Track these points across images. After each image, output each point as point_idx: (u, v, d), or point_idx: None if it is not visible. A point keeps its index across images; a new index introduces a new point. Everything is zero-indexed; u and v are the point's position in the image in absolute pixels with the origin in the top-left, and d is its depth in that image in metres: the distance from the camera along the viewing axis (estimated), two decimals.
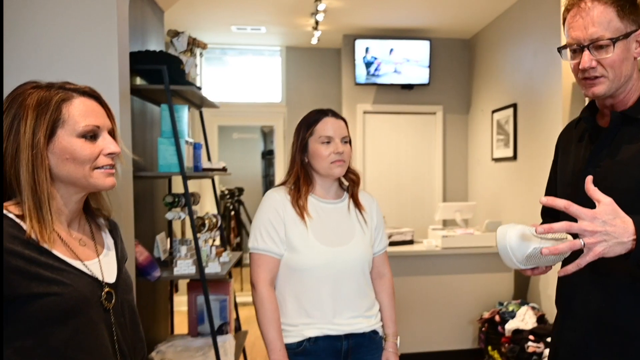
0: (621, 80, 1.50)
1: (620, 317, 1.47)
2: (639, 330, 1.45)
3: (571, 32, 1.52)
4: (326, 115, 2.15)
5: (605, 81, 1.49)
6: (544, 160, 4.38)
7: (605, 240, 1.26)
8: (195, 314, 3.25)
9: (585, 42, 1.48)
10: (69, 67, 2.21)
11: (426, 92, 6.19)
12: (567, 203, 1.28)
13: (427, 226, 5.42)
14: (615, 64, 1.47)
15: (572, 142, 1.74)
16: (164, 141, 2.87)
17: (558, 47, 1.62)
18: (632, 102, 1.54)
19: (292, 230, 2.06)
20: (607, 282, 1.50)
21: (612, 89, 1.51)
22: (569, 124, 1.85)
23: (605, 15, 1.46)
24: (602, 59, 1.47)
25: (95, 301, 1.30)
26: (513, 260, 1.44)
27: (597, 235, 1.25)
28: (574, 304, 1.58)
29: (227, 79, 6.57)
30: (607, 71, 1.48)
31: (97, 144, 1.32)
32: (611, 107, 1.57)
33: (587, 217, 1.26)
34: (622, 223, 1.27)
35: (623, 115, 1.53)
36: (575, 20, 1.50)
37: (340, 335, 2.05)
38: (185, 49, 3.24)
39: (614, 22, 1.46)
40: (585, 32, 1.47)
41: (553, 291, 4.24)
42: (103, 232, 1.48)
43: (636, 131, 1.50)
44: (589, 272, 1.50)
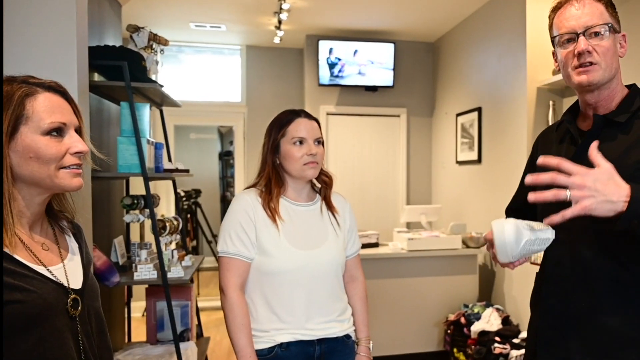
0: (612, 72, 1.55)
1: (601, 316, 1.49)
2: (620, 329, 1.47)
3: (564, 23, 1.58)
4: (299, 116, 2.11)
5: (598, 69, 1.54)
6: (508, 163, 4.47)
7: (593, 196, 1.27)
8: (155, 320, 3.14)
9: (580, 29, 1.54)
10: (23, 60, 2.09)
11: (390, 94, 6.20)
12: (559, 160, 1.31)
13: (390, 228, 5.42)
14: (607, 53, 1.54)
15: (552, 143, 1.76)
16: (124, 140, 2.75)
17: (552, 37, 1.66)
18: (615, 105, 1.60)
19: (264, 233, 2.01)
20: (587, 282, 1.52)
21: (605, 79, 1.55)
22: (548, 127, 1.89)
23: (598, 7, 1.55)
24: (596, 45, 1.53)
25: (61, 309, 1.25)
26: (508, 255, 1.47)
27: (584, 189, 1.27)
28: (554, 302, 1.60)
29: (182, 77, 6.42)
30: (601, 58, 1.53)
31: (64, 142, 1.26)
32: (594, 108, 1.62)
33: (579, 172, 1.29)
34: (615, 184, 1.29)
35: (605, 119, 1.57)
36: (568, 11, 1.58)
37: (313, 340, 2.02)
38: (145, 44, 3.12)
39: (605, 15, 1.55)
40: (579, 20, 1.55)
41: (517, 292, 4.35)
42: (67, 235, 1.42)
43: (616, 134, 1.55)
44: (571, 272, 1.56)
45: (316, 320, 2.02)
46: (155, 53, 3.22)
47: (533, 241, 1.47)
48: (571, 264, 1.56)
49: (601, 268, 1.50)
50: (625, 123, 1.55)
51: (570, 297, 1.56)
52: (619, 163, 1.42)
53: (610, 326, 1.48)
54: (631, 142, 1.51)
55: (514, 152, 4.37)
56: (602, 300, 1.50)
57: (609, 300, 1.49)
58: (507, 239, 1.45)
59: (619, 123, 1.55)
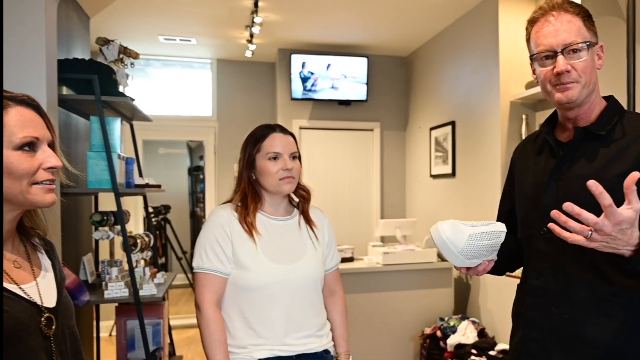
0: (590, 87, 1.55)
1: (583, 328, 1.49)
2: (603, 341, 1.47)
3: (542, 40, 1.56)
4: (274, 131, 2.10)
5: (578, 86, 1.53)
6: (482, 176, 4.49)
7: (606, 243, 1.26)
8: (125, 339, 3.06)
9: (559, 47, 1.52)
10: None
11: (364, 108, 6.21)
12: (610, 202, 1.22)
13: (365, 243, 5.39)
14: (586, 70, 1.52)
15: (529, 155, 1.77)
16: (94, 155, 2.70)
17: (531, 55, 1.64)
18: (594, 117, 1.60)
19: (240, 248, 1.99)
20: (570, 294, 1.52)
21: (584, 95, 1.54)
22: (527, 138, 1.87)
23: (575, 23, 1.53)
24: (575, 63, 1.52)
25: (34, 328, 1.21)
26: (454, 252, 1.48)
27: (606, 237, 1.25)
28: (537, 315, 1.60)
29: (151, 91, 6.33)
30: (580, 76, 1.52)
31: (36, 157, 1.23)
32: (574, 121, 1.61)
33: (614, 221, 1.23)
34: (631, 234, 1.26)
35: (585, 131, 1.57)
36: (546, 28, 1.55)
37: (292, 355, 1.99)
38: (116, 58, 3.07)
39: (583, 30, 1.53)
40: (558, 38, 1.52)
41: (492, 305, 4.36)
42: (39, 252, 1.38)
43: (596, 147, 1.55)
44: (553, 284, 1.56)
45: (295, 335, 2.00)
46: (126, 66, 3.17)
47: (479, 235, 1.47)
48: (553, 276, 1.56)
49: (583, 280, 1.50)
50: (605, 136, 1.55)
51: (552, 309, 1.56)
52: (598, 177, 1.39)
53: (592, 338, 1.48)
54: (611, 155, 1.51)
55: (488, 166, 4.39)
56: (584, 312, 1.50)
57: (591, 312, 1.49)
58: (446, 237, 1.46)
59: (599, 136, 1.55)
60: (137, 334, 2.95)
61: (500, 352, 3.83)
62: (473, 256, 1.50)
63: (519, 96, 4.02)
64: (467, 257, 1.49)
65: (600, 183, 1.37)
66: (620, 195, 1.38)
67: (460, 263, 1.53)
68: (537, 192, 1.63)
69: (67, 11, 2.96)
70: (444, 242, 1.48)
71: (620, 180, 1.39)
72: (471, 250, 1.47)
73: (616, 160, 1.50)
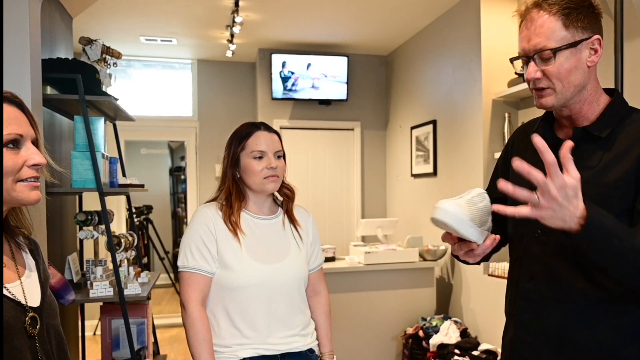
0: (570, 90, 1.47)
1: (574, 332, 1.47)
2: (594, 346, 1.45)
3: (519, 43, 1.51)
4: (258, 129, 2.09)
5: (552, 93, 1.47)
6: (464, 175, 4.49)
7: (553, 211, 1.24)
8: (110, 339, 3.06)
9: (531, 52, 1.46)
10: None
11: (344, 107, 6.24)
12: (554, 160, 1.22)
13: (346, 242, 5.40)
14: (560, 75, 1.45)
15: (528, 146, 1.65)
16: (79, 155, 2.70)
17: (510, 58, 1.60)
18: (595, 116, 1.51)
19: (225, 247, 1.98)
20: (561, 298, 1.49)
21: (561, 101, 1.48)
22: (526, 125, 1.79)
23: (549, 24, 1.44)
24: (545, 69, 1.45)
25: (19, 327, 1.21)
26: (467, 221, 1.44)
27: (552, 202, 1.23)
28: (528, 318, 1.57)
29: (132, 92, 6.32)
30: (553, 82, 1.46)
31: (20, 154, 1.23)
32: (569, 119, 1.54)
33: (558, 183, 1.22)
34: (576, 203, 1.25)
35: (584, 132, 1.49)
36: (522, 31, 1.50)
37: (276, 354, 1.99)
38: (98, 57, 3.07)
39: (558, 32, 1.43)
40: (529, 42, 1.46)
41: (475, 305, 4.35)
42: (23, 251, 1.37)
43: (595, 149, 1.47)
44: (544, 287, 1.52)
45: (279, 334, 2.00)
46: (109, 66, 3.17)
47: (471, 200, 1.47)
48: (545, 280, 1.52)
49: (575, 285, 1.46)
50: (606, 138, 1.47)
51: (544, 313, 1.52)
52: (595, 180, 1.40)
53: (583, 343, 1.46)
54: (610, 158, 1.44)
55: (469, 164, 4.39)
56: (576, 317, 1.47)
57: (582, 317, 1.46)
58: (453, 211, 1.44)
59: (599, 138, 1.47)
60: (122, 333, 2.95)
61: (484, 352, 3.83)
62: (480, 222, 1.46)
63: (501, 94, 4.01)
64: (477, 224, 1.46)
65: (596, 188, 1.38)
66: (617, 201, 1.39)
67: (475, 234, 1.46)
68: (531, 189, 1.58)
69: (50, 11, 2.96)
70: (453, 216, 1.44)
71: (616, 185, 1.40)
72: (475, 215, 1.45)
73: (614, 164, 1.43)
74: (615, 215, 1.35)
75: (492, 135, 4.12)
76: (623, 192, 1.40)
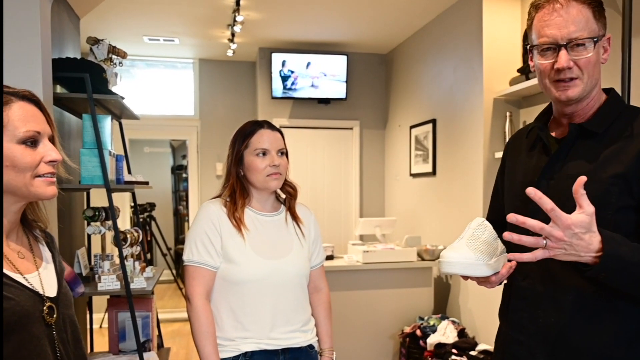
0: (593, 83, 1.46)
1: (569, 331, 1.46)
2: (588, 346, 1.44)
3: (546, 30, 1.43)
4: (262, 127, 2.12)
5: (580, 83, 1.44)
6: (463, 175, 4.45)
7: (564, 249, 1.25)
8: (117, 331, 3.13)
9: (563, 40, 1.41)
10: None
11: (343, 107, 6.25)
12: (552, 206, 1.22)
13: (344, 241, 5.41)
14: (590, 65, 1.43)
15: (521, 151, 1.67)
16: (87, 152, 2.75)
17: (529, 46, 1.53)
18: (592, 113, 1.50)
19: (229, 242, 2.02)
20: (557, 297, 1.48)
21: (586, 92, 1.45)
22: (519, 132, 1.78)
23: (584, 14, 1.41)
24: (578, 59, 1.41)
25: (37, 316, 1.25)
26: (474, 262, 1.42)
27: (561, 243, 1.23)
28: (522, 317, 1.56)
29: (135, 91, 6.38)
30: (582, 72, 1.43)
31: (38, 151, 1.28)
32: (570, 116, 1.53)
33: (562, 224, 1.22)
34: (590, 238, 1.24)
35: (581, 128, 1.48)
36: (552, 18, 1.42)
37: (277, 349, 2.03)
38: (105, 57, 3.14)
39: (591, 23, 1.41)
40: (562, 30, 1.41)
41: (473, 305, 4.36)
42: (40, 244, 1.42)
43: (592, 145, 1.46)
44: (540, 286, 1.51)
45: (280, 329, 2.04)
46: (115, 65, 3.24)
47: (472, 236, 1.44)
48: (540, 278, 1.50)
49: (570, 283, 1.44)
50: (602, 134, 1.46)
51: (539, 312, 1.51)
52: (592, 177, 1.37)
53: (578, 343, 1.44)
54: (608, 154, 1.43)
55: (469, 164, 4.34)
56: (571, 316, 1.45)
57: (577, 316, 1.44)
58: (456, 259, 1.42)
59: (596, 133, 1.46)
60: (128, 326, 3.01)
61: (481, 352, 3.81)
62: (489, 253, 1.44)
63: (502, 93, 3.95)
64: (487, 256, 1.43)
65: (594, 184, 1.35)
66: (615, 197, 1.38)
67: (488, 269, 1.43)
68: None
69: (59, 12, 3.02)
70: (460, 265, 1.42)
71: (614, 181, 1.39)
72: (482, 249, 1.43)
73: (612, 160, 1.41)
74: (614, 212, 1.38)
75: (493, 134, 4.07)
76: (622, 188, 1.39)
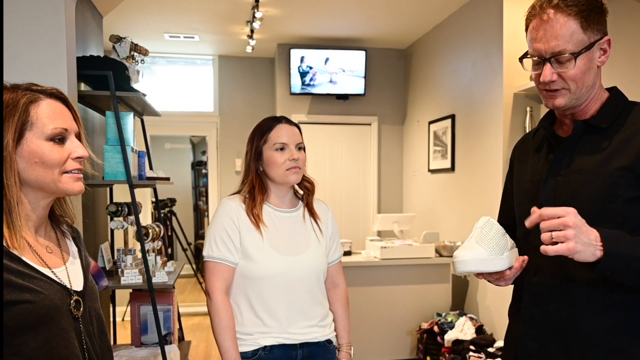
0: (582, 90, 1.47)
1: (582, 325, 1.46)
2: (602, 338, 1.44)
3: (533, 44, 1.48)
4: (280, 122, 2.14)
5: (566, 93, 1.47)
6: (483, 171, 4.42)
7: (577, 235, 1.27)
8: (139, 324, 3.19)
9: (547, 54, 1.44)
10: (15, 69, 2.12)
11: (361, 102, 6.25)
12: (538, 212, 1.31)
13: (361, 237, 5.40)
14: (577, 77, 1.44)
15: (529, 152, 1.70)
16: (110, 149, 2.80)
17: (519, 57, 1.59)
18: (594, 110, 1.52)
19: (247, 239, 2.05)
20: (568, 291, 1.48)
21: (573, 101, 1.48)
22: (526, 135, 1.80)
23: (568, 27, 1.41)
24: (563, 72, 1.44)
25: (65, 309, 1.28)
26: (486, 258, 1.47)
27: (569, 229, 1.27)
28: (534, 312, 1.57)
29: (156, 88, 6.43)
30: (569, 84, 1.45)
31: (65, 148, 1.30)
32: (571, 116, 1.55)
33: (562, 211, 1.29)
34: (587, 230, 1.30)
35: (585, 124, 1.50)
36: (538, 32, 1.46)
37: (296, 344, 2.06)
38: (127, 54, 3.18)
39: (577, 35, 1.42)
40: (547, 45, 1.43)
41: (491, 302, 4.35)
42: (67, 239, 1.45)
43: (597, 140, 1.48)
44: (551, 280, 1.52)
45: (298, 324, 2.06)
46: (137, 63, 3.29)
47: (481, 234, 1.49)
48: (551, 273, 1.50)
49: (581, 277, 1.45)
50: (606, 128, 1.48)
51: (551, 307, 1.51)
52: (599, 170, 1.42)
53: (591, 336, 1.44)
54: (613, 148, 1.44)
55: (489, 160, 4.32)
56: (583, 310, 1.46)
57: (590, 309, 1.45)
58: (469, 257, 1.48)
59: (601, 128, 1.48)
60: (150, 319, 3.06)
61: (499, 349, 3.78)
62: (500, 248, 1.48)
63: (523, 87, 3.88)
64: (498, 252, 1.47)
65: (601, 177, 1.40)
66: (623, 189, 1.39)
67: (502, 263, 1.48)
68: (535, 188, 1.58)
69: (83, 10, 3.07)
70: (474, 262, 1.47)
71: (621, 174, 1.40)
72: (493, 245, 1.47)
73: (618, 154, 1.43)
74: (622, 203, 1.39)
75: (513, 130, 4.01)
76: (629, 180, 1.40)
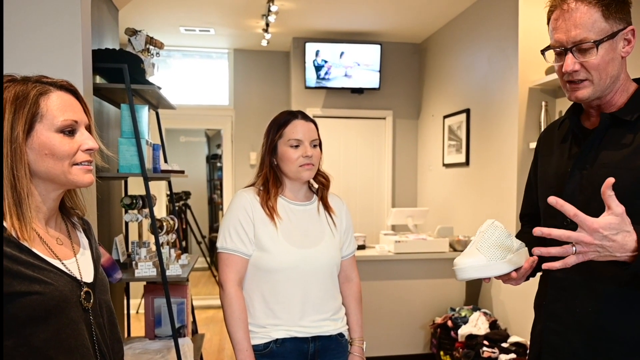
0: (607, 82, 1.46)
1: (607, 321, 1.45)
2: (625, 334, 1.43)
3: (554, 34, 1.47)
4: (296, 118, 2.13)
5: (589, 85, 1.46)
6: (497, 165, 4.41)
7: (597, 252, 1.24)
8: (153, 316, 3.20)
9: (569, 44, 1.43)
10: (31, 61, 2.13)
11: (376, 96, 6.24)
12: (575, 211, 1.22)
13: (376, 231, 5.40)
14: (600, 67, 1.43)
15: (554, 143, 1.68)
16: (125, 142, 2.80)
17: (541, 49, 1.58)
18: (622, 102, 1.50)
19: (262, 231, 2.05)
20: (594, 286, 1.47)
21: (597, 92, 1.47)
22: (551, 124, 1.78)
23: (590, 16, 1.41)
24: (585, 61, 1.43)
25: (75, 301, 1.28)
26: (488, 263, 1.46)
27: (591, 247, 1.23)
28: (559, 307, 1.56)
29: (171, 81, 6.46)
30: (592, 74, 1.44)
31: (75, 140, 1.31)
32: (597, 108, 1.53)
33: (588, 229, 1.21)
34: (623, 239, 1.23)
35: (612, 117, 1.48)
36: (558, 22, 1.45)
37: (307, 337, 2.06)
38: (143, 47, 3.19)
39: (599, 23, 1.41)
40: (568, 34, 1.43)
41: (505, 297, 4.33)
42: (78, 231, 1.46)
43: (624, 133, 1.46)
44: (577, 276, 1.50)
45: (311, 318, 2.06)
46: (152, 56, 3.29)
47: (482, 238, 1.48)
48: (577, 268, 1.41)
49: (607, 272, 1.43)
50: (634, 122, 1.45)
51: (576, 302, 1.50)
52: (625, 165, 1.40)
53: (616, 332, 1.43)
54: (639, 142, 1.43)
55: (504, 155, 4.31)
56: (608, 305, 1.44)
57: (615, 305, 1.44)
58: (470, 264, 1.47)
59: (628, 122, 1.46)
60: (164, 312, 3.07)
61: (513, 344, 3.80)
62: (503, 252, 1.46)
63: (538, 82, 3.83)
64: (500, 256, 1.46)
65: (627, 172, 1.37)
66: None
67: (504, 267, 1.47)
68: (560, 181, 1.55)
69: (99, 3, 3.08)
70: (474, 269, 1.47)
71: None
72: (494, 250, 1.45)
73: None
74: None
75: (528, 124, 3.96)
76: None
